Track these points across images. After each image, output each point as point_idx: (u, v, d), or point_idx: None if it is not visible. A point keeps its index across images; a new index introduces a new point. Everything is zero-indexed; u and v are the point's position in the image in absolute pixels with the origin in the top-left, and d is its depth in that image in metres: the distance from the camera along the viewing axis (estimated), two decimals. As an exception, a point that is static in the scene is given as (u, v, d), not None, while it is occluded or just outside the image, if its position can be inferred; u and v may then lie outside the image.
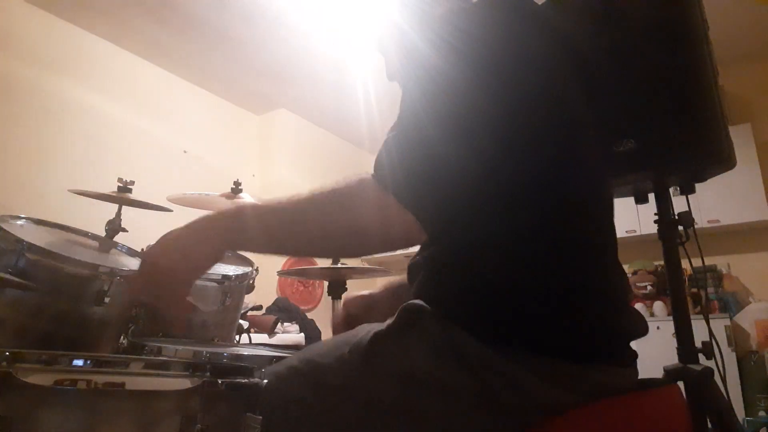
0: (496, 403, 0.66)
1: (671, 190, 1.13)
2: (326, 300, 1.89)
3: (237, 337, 1.74)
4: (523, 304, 0.69)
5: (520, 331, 0.68)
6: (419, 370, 0.69)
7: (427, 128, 0.69)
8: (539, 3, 1.13)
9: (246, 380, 0.68)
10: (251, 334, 2.65)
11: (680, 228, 1.10)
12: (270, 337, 3.12)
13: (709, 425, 0.94)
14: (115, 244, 1.45)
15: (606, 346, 0.71)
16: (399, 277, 1.09)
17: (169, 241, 0.74)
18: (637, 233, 3.82)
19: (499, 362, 0.66)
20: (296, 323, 3.65)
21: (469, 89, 0.69)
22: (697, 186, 1.11)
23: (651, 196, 1.16)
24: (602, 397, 0.70)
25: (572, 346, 0.68)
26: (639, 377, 0.79)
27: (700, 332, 1.06)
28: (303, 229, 0.74)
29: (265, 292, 3.99)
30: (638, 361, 0.79)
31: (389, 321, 0.76)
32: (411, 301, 0.77)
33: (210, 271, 1.51)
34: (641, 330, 0.77)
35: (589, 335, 0.69)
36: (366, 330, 0.77)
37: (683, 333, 1.06)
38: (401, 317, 0.75)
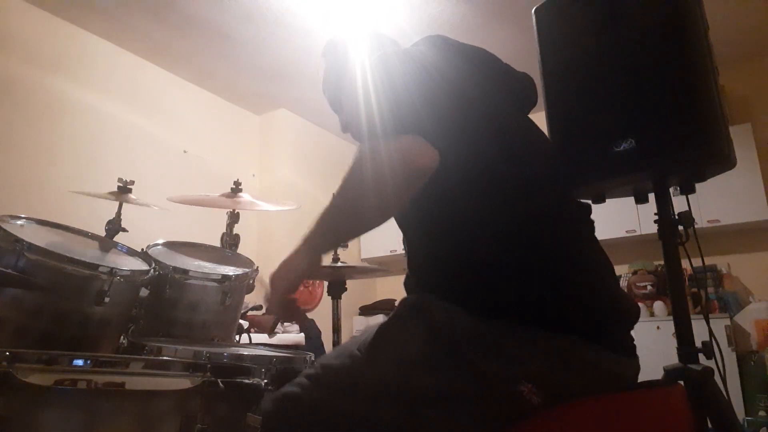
0: (486, 375, 0.72)
1: (671, 190, 1.13)
2: (326, 300, 1.90)
3: (237, 337, 1.74)
4: (516, 284, 0.77)
5: (516, 307, 0.75)
6: (415, 352, 0.76)
7: (426, 127, 0.79)
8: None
9: (246, 380, 0.68)
10: (251, 334, 2.64)
11: (680, 228, 1.10)
12: (270, 337, 3.11)
13: (709, 425, 0.94)
14: (115, 244, 1.45)
15: (599, 326, 0.77)
16: None
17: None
18: (637, 233, 3.83)
19: (489, 334, 0.74)
20: (296, 323, 3.64)
21: (448, 98, 0.84)
22: (697, 186, 1.10)
23: (651, 196, 1.16)
24: (595, 378, 0.72)
25: (562, 321, 0.75)
26: (639, 378, 0.80)
27: (700, 332, 1.06)
28: (348, 212, 0.85)
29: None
30: (639, 362, 0.80)
31: (392, 313, 0.85)
32: (413, 295, 0.86)
33: (210, 272, 1.52)
34: (633, 313, 0.85)
35: (576, 312, 0.76)
36: (373, 329, 0.84)
37: (683, 333, 1.06)
38: (403, 307, 0.84)
